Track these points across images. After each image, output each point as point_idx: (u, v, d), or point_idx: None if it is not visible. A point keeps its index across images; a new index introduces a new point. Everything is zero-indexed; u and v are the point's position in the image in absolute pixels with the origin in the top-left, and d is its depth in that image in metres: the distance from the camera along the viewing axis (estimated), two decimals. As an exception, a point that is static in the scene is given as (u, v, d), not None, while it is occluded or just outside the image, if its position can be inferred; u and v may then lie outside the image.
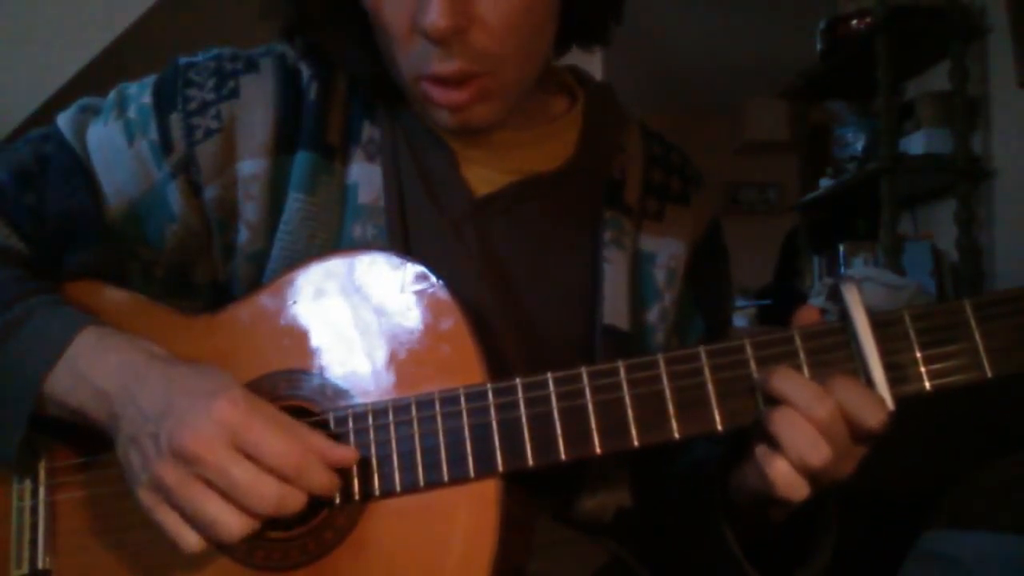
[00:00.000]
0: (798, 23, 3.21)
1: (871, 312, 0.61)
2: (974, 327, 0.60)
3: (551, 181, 0.79)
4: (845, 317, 0.61)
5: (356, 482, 0.64)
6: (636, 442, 0.62)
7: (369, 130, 0.77)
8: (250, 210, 0.75)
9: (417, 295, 0.67)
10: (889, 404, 0.59)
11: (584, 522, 0.79)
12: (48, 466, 0.70)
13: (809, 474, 0.59)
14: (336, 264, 0.69)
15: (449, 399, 0.64)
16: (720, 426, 0.61)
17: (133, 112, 0.76)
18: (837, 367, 0.61)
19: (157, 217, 0.75)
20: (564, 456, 0.62)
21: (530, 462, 0.62)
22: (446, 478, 0.63)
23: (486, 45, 0.68)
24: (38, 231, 0.73)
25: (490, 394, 0.63)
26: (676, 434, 0.61)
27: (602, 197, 0.81)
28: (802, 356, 0.61)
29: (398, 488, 0.63)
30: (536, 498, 0.71)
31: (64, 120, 0.77)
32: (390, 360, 0.66)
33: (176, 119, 0.74)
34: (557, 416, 0.62)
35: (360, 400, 0.65)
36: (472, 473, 0.62)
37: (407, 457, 0.63)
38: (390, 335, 0.66)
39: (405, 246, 0.74)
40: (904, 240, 2.55)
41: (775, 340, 0.62)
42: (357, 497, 0.64)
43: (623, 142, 0.84)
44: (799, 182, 3.30)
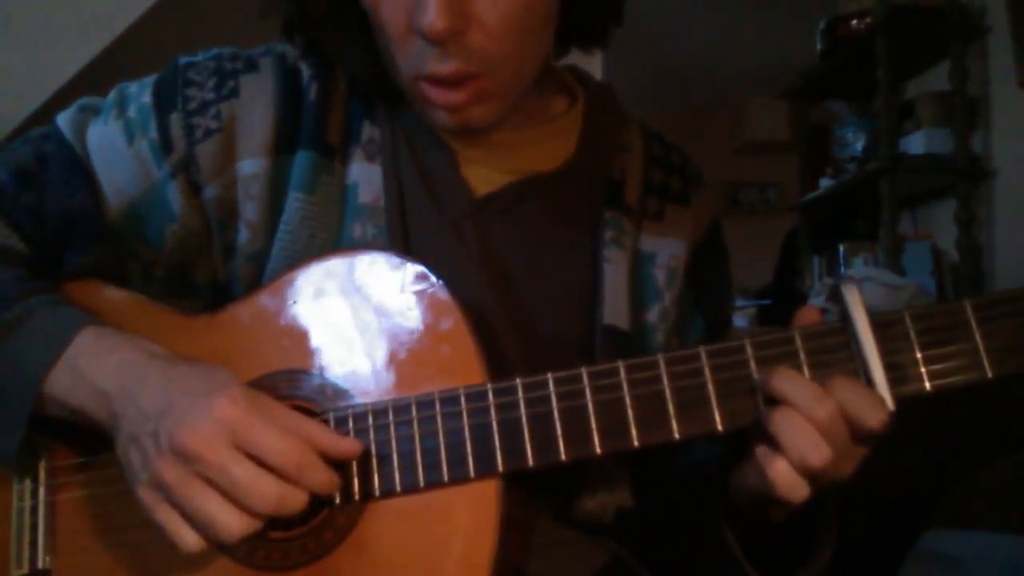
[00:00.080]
0: (798, 23, 3.20)
1: (871, 312, 0.61)
2: (974, 327, 0.60)
3: (551, 181, 0.79)
4: (845, 317, 0.61)
5: (356, 482, 0.64)
6: (636, 442, 0.62)
7: (369, 130, 0.77)
8: (250, 210, 0.75)
9: (417, 295, 0.67)
10: (889, 404, 0.59)
11: (584, 522, 0.79)
12: (48, 466, 0.70)
13: (809, 474, 0.59)
14: (336, 264, 0.69)
15: (449, 399, 0.64)
16: (720, 426, 0.61)
17: (133, 112, 0.76)
18: (837, 367, 0.61)
19: (157, 217, 0.75)
20: (564, 456, 0.62)
21: (530, 462, 0.62)
22: (446, 478, 0.63)
23: (484, 46, 0.67)
24: (38, 231, 0.73)
25: (490, 394, 0.63)
26: (676, 434, 0.61)
27: (602, 197, 0.81)
28: (802, 356, 0.61)
29: (398, 488, 0.63)
30: (536, 498, 0.71)
31: (64, 120, 0.77)
32: (390, 360, 0.66)
33: (176, 119, 0.74)
34: (557, 416, 0.62)
35: (360, 400, 0.65)
36: (472, 473, 0.62)
37: (407, 457, 0.63)
38: (390, 335, 0.66)
39: (405, 246, 0.74)
40: (904, 240, 2.55)
41: (775, 340, 0.62)
42: (357, 497, 0.64)
43: (623, 142, 0.84)
44: (799, 182, 3.30)
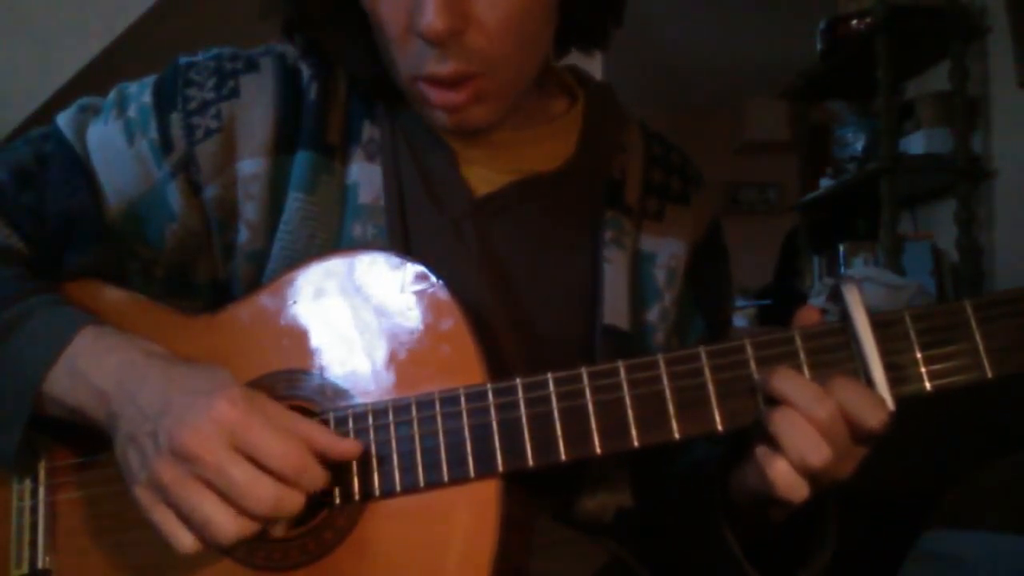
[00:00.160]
0: (798, 23, 3.21)
1: (871, 312, 0.61)
2: (974, 327, 0.60)
3: (551, 181, 0.79)
4: (845, 317, 0.61)
5: (356, 482, 0.64)
6: (636, 442, 0.61)
7: (369, 130, 0.77)
8: (250, 210, 0.75)
9: (417, 295, 0.67)
10: (889, 404, 0.59)
11: (584, 522, 0.79)
12: (48, 466, 0.70)
13: (809, 474, 0.59)
14: (336, 264, 0.69)
15: (449, 399, 0.63)
16: (720, 426, 0.61)
17: (133, 111, 0.76)
18: (837, 367, 0.61)
19: (157, 217, 0.75)
20: (564, 456, 0.62)
21: (530, 462, 0.62)
22: (446, 478, 0.63)
23: (483, 46, 0.67)
24: (38, 231, 0.73)
25: (490, 394, 0.63)
26: (676, 434, 0.61)
27: (602, 197, 0.81)
28: (802, 356, 0.61)
29: (398, 488, 0.63)
30: (536, 498, 0.71)
31: (64, 120, 0.77)
32: (390, 360, 0.66)
33: (176, 118, 0.74)
34: (557, 416, 0.62)
35: (360, 400, 0.65)
36: (472, 473, 0.62)
37: (407, 457, 0.63)
38: (390, 335, 0.66)
39: (405, 246, 0.74)
40: (904, 240, 2.55)
41: (775, 340, 0.62)
42: (357, 497, 0.64)
43: (623, 142, 0.84)
44: (799, 182, 3.30)
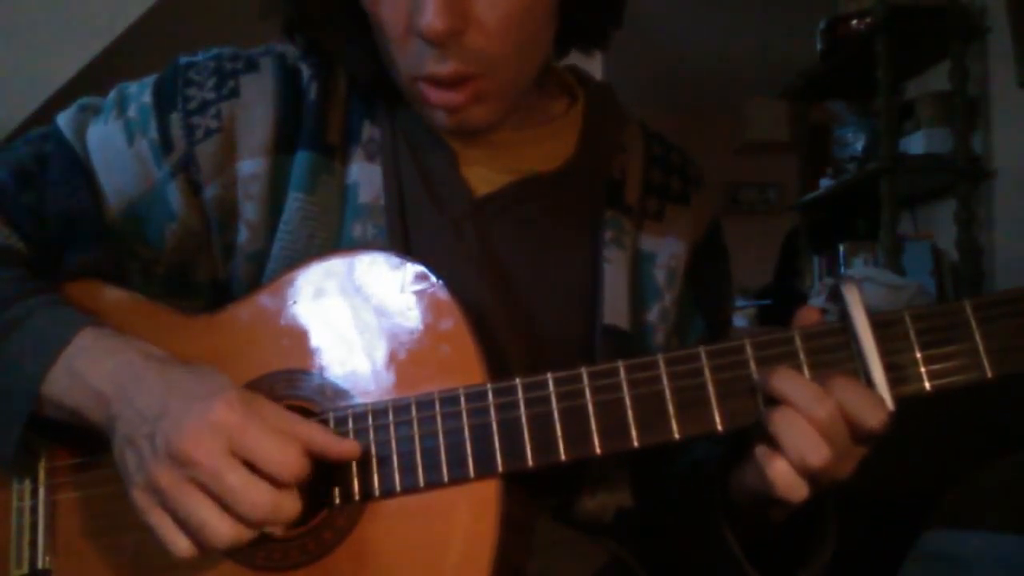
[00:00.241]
0: (798, 23, 3.21)
1: (871, 312, 0.61)
2: (974, 327, 0.60)
3: (551, 181, 0.79)
4: (845, 317, 0.61)
5: (356, 482, 0.64)
6: (636, 442, 0.61)
7: (369, 130, 0.77)
8: (250, 210, 0.75)
9: (417, 295, 0.67)
10: (889, 404, 0.59)
11: (584, 522, 0.79)
12: (48, 466, 0.70)
13: (809, 474, 0.59)
14: (336, 264, 0.69)
15: (449, 399, 0.63)
16: (720, 426, 0.61)
17: (133, 111, 0.76)
18: (837, 367, 0.61)
19: (157, 217, 0.75)
20: (564, 457, 0.62)
21: (530, 463, 0.62)
22: (446, 478, 0.63)
23: (483, 47, 0.67)
24: (38, 231, 0.73)
25: (490, 394, 0.63)
26: (676, 434, 0.61)
27: (602, 197, 0.80)
28: (802, 356, 0.61)
29: (398, 488, 0.63)
30: (536, 498, 0.71)
31: (64, 120, 0.77)
32: (390, 360, 0.66)
33: (176, 118, 0.74)
34: (557, 416, 0.62)
35: (360, 400, 0.65)
36: (472, 473, 0.62)
37: (407, 457, 0.63)
38: (390, 335, 0.66)
39: (405, 246, 0.74)
40: (904, 240, 2.55)
41: (775, 340, 0.62)
42: (357, 497, 0.64)
43: (623, 142, 0.84)
44: (799, 182, 3.30)
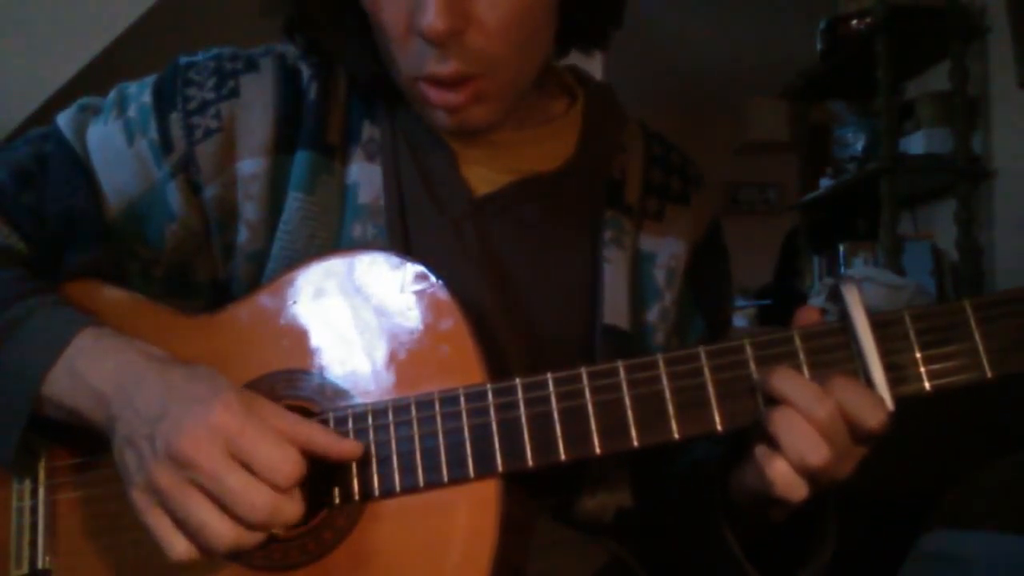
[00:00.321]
0: (798, 23, 3.21)
1: (871, 312, 0.61)
2: (974, 327, 0.60)
3: (551, 181, 0.79)
4: (845, 317, 0.61)
5: (356, 482, 0.64)
6: (636, 442, 0.61)
7: (369, 130, 0.77)
8: (250, 210, 0.75)
9: (417, 295, 0.67)
10: (889, 404, 0.59)
11: (584, 522, 0.79)
12: (48, 466, 0.70)
13: (808, 474, 0.59)
14: (336, 264, 0.69)
15: (449, 399, 0.63)
16: (720, 427, 0.61)
17: (133, 111, 0.76)
18: (837, 367, 0.61)
19: (157, 217, 0.75)
20: (564, 457, 0.62)
21: (530, 463, 0.62)
22: (446, 478, 0.63)
23: (483, 47, 0.67)
24: (38, 231, 0.73)
25: (490, 394, 0.63)
26: (676, 434, 0.61)
27: (602, 197, 0.80)
28: (802, 356, 0.61)
29: (398, 488, 0.63)
30: (536, 498, 0.71)
31: (64, 120, 0.77)
32: (390, 360, 0.66)
33: (176, 118, 0.74)
34: (557, 416, 0.62)
35: (360, 400, 0.65)
36: (472, 473, 0.62)
37: (407, 457, 0.63)
38: (390, 335, 0.66)
39: (405, 246, 0.74)
40: (904, 240, 2.55)
41: (775, 340, 0.62)
42: (357, 497, 0.64)
43: (623, 142, 0.84)
44: (799, 182, 3.30)
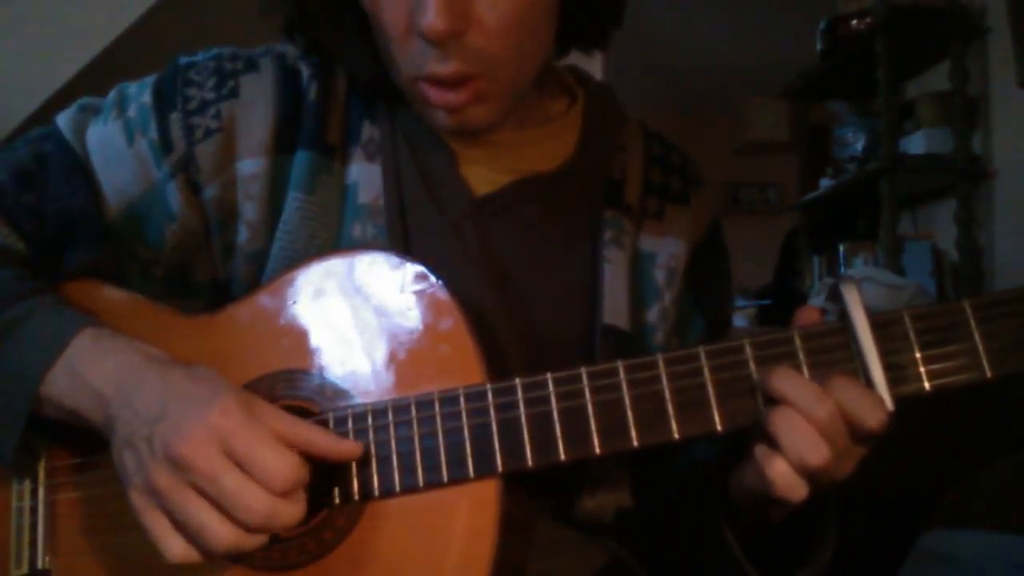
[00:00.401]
0: (798, 23, 3.21)
1: (871, 312, 0.61)
2: (974, 327, 0.60)
3: (551, 181, 0.79)
4: (845, 317, 0.61)
5: (356, 482, 0.64)
6: (636, 442, 0.61)
7: (369, 130, 0.77)
8: (250, 210, 0.75)
9: (417, 295, 0.67)
10: (889, 404, 0.59)
11: (584, 522, 0.79)
12: (48, 466, 0.70)
13: (808, 474, 0.59)
14: (336, 264, 0.69)
15: (449, 399, 0.63)
16: (720, 426, 0.61)
17: (133, 111, 0.76)
18: (837, 367, 0.61)
19: (157, 217, 0.75)
20: (564, 457, 0.62)
21: (529, 463, 0.62)
22: (445, 478, 0.63)
23: (483, 47, 0.67)
24: (38, 231, 0.73)
25: (489, 394, 0.63)
26: (676, 434, 0.61)
27: (602, 197, 0.81)
28: (802, 356, 0.61)
29: (397, 488, 0.63)
30: (536, 498, 0.71)
31: (64, 120, 0.77)
32: (390, 360, 0.66)
33: (176, 118, 0.74)
34: (557, 416, 0.62)
35: (360, 400, 0.65)
36: (471, 473, 0.62)
37: (407, 457, 0.63)
38: (390, 335, 0.66)
39: (405, 246, 0.74)
40: (904, 240, 2.55)
41: (775, 340, 0.62)
42: (357, 497, 0.64)
43: (623, 142, 0.84)
44: (799, 182, 3.30)
